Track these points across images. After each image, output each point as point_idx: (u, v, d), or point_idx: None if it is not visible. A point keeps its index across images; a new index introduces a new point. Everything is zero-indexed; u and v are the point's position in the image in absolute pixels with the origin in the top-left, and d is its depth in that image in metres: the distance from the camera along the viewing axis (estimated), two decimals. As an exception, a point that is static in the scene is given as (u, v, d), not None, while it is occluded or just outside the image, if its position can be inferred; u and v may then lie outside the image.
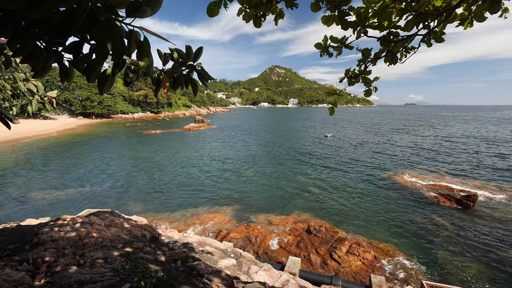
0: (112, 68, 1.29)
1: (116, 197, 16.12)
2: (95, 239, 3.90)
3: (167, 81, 1.59)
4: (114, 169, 22.65)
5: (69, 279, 2.63)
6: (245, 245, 10.36)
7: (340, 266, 9.23)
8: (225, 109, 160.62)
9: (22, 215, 12.97)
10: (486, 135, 44.65)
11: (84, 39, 1.18)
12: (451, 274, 9.10)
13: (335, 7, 2.06)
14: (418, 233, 11.78)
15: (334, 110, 2.70)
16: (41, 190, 17.07)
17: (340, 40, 2.39)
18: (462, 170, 22.21)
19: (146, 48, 1.20)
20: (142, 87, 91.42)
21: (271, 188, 17.88)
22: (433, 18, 2.06)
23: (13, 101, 3.60)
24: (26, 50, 1.08)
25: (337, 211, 14.13)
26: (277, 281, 5.54)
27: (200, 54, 1.58)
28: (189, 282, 3.09)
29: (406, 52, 2.38)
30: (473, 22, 2.05)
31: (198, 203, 15.16)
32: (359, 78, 2.54)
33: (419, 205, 14.90)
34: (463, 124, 70.55)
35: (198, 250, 5.57)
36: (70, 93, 76.12)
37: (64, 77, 1.32)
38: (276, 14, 2.30)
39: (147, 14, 1.02)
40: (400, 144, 36.03)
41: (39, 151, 30.05)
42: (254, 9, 2.09)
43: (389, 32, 2.26)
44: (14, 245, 3.40)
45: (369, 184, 18.70)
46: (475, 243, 10.98)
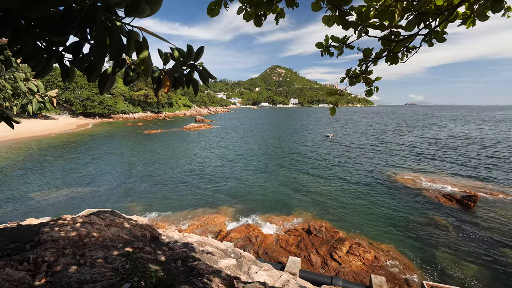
0: (112, 67, 1.28)
1: (117, 197, 16.14)
2: (96, 239, 3.90)
3: (167, 80, 1.59)
4: (114, 169, 22.68)
5: (69, 278, 2.63)
6: (245, 245, 10.36)
7: (340, 266, 9.22)
8: (225, 109, 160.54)
9: (23, 215, 13.00)
10: (487, 136, 44.55)
11: (84, 39, 1.17)
12: (451, 274, 9.09)
13: (336, 7, 2.05)
14: (418, 233, 11.77)
15: (335, 110, 2.69)
16: (41, 190, 17.10)
17: (341, 39, 2.38)
18: (463, 170, 22.17)
19: (145, 48, 1.20)
20: (142, 87, 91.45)
21: (272, 188, 17.87)
22: (435, 18, 2.05)
23: (14, 100, 3.60)
24: (26, 50, 1.07)
25: (338, 211, 14.12)
26: (277, 281, 5.53)
27: (201, 53, 1.57)
28: (189, 282, 3.09)
29: (407, 52, 2.37)
30: (475, 21, 2.03)
31: (198, 203, 15.17)
32: (360, 78, 2.53)
33: (420, 205, 14.88)
34: (463, 124, 70.41)
35: (198, 250, 5.57)
36: (70, 93, 76.26)
37: (65, 77, 1.32)
38: (276, 13, 2.29)
39: (146, 13, 1.00)
40: (401, 144, 35.98)
41: (39, 151, 30.10)
42: (255, 8, 2.09)
43: (390, 31, 2.25)
44: (14, 244, 3.40)
45: (369, 184, 18.68)
46: (475, 244, 10.96)
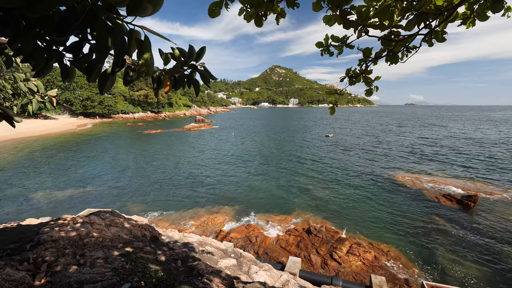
0: (112, 67, 1.28)
1: (117, 197, 16.14)
2: (96, 239, 3.90)
3: (168, 81, 1.58)
4: (114, 168, 22.68)
5: (69, 278, 2.63)
6: (245, 245, 10.36)
7: (340, 266, 9.22)
8: (225, 109, 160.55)
9: (23, 215, 12.99)
10: (487, 136, 44.56)
11: (85, 39, 1.17)
12: (451, 274, 9.09)
13: (337, 7, 2.05)
14: (418, 233, 11.77)
15: (335, 109, 2.70)
16: (41, 190, 17.10)
17: (341, 39, 2.38)
18: (463, 170, 22.17)
19: (147, 47, 1.19)
20: (142, 87, 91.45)
21: (272, 188, 17.87)
22: (435, 18, 2.05)
23: (14, 100, 3.60)
24: (26, 49, 1.07)
25: (338, 211, 14.12)
26: (277, 281, 5.53)
27: (202, 54, 1.56)
28: (189, 282, 3.09)
29: (407, 52, 2.37)
30: (475, 21, 2.04)
31: (198, 203, 15.17)
32: (360, 78, 2.54)
33: (420, 205, 14.87)
34: (463, 124, 70.42)
35: (198, 250, 5.57)
36: (70, 93, 76.24)
37: (65, 77, 1.32)
38: (277, 13, 2.29)
39: (148, 12, 1.00)
40: (401, 144, 35.98)
41: (39, 150, 30.09)
42: (256, 9, 2.09)
43: (390, 31, 2.26)
44: (14, 244, 3.40)
45: (370, 184, 18.68)
46: (475, 244, 10.96)
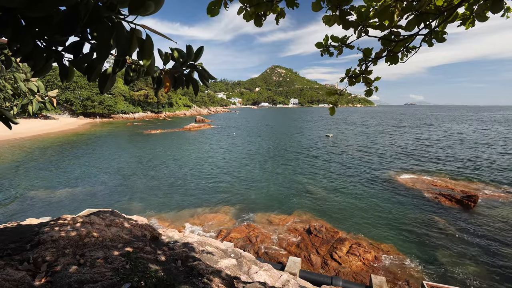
0: (113, 67, 1.28)
1: (117, 197, 16.14)
2: (96, 239, 3.90)
3: (168, 81, 1.59)
4: (114, 169, 22.67)
5: (69, 278, 2.63)
6: (245, 245, 10.36)
7: (340, 266, 9.22)
8: (225, 109, 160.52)
9: (23, 215, 12.99)
10: (487, 136, 44.55)
11: (85, 39, 1.17)
12: (451, 274, 9.08)
13: (336, 7, 2.06)
14: (418, 234, 11.76)
15: (335, 109, 2.70)
16: (41, 190, 17.10)
17: (341, 39, 2.38)
18: (463, 170, 22.16)
19: (149, 47, 1.19)
20: (142, 87, 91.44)
21: (272, 188, 17.87)
22: (434, 18, 2.05)
23: (14, 101, 3.60)
24: (26, 49, 1.07)
25: (338, 211, 14.11)
26: (277, 281, 5.53)
27: (200, 53, 1.57)
28: (189, 282, 3.09)
29: (407, 52, 2.37)
30: (475, 22, 2.04)
31: (198, 203, 15.17)
32: (360, 78, 2.54)
33: (420, 205, 14.87)
34: (463, 124, 70.40)
35: (198, 250, 5.57)
36: (71, 93, 76.24)
37: (63, 77, 1.32)
38: (277, 13, 2.30)
39: (150, 10, 0.99)
40: (400, 144, 35.97)
41: (39, 150, 30.09)
42: (255, 8, 2.09)
43: (390, 31, 2.26)
44: (14, 244, 3.40)
45: (369, 184, 18.68)
46: (475, 244, 10.96)
